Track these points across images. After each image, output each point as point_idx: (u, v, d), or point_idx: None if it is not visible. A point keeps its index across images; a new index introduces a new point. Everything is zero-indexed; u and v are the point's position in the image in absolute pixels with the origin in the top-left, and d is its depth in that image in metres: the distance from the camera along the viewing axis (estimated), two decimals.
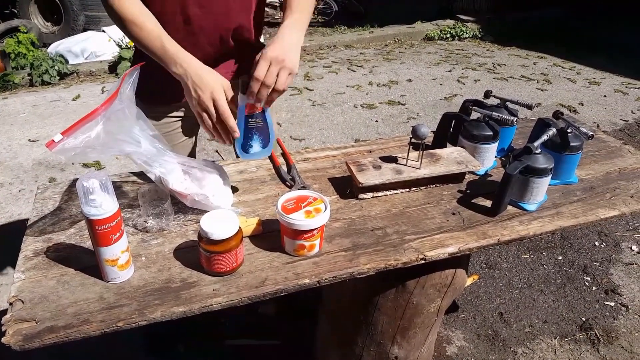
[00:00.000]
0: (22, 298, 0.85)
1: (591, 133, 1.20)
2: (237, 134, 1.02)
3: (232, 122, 1.02)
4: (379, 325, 1.26)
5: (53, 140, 0.84)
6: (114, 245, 0.86)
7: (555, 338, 1.89)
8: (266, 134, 1.08)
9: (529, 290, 2.13)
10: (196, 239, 0.93)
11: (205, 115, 1.02)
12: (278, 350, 1.75)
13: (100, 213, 0.83)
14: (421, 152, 1.20)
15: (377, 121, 3.81)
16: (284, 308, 1.85)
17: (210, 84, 1.01)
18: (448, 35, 6.27)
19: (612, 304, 2.05)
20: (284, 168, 1.25)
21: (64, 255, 0.96)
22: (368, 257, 0.99)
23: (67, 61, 4.69)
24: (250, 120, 1.04)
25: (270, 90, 1.01)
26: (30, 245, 0.99)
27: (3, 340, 0.77)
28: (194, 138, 1.48)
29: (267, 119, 1.07)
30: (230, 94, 1.04)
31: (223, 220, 0.90)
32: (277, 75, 1.00)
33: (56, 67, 4.48)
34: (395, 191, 1.21)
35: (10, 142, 3.33)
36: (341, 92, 4.36)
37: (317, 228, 0.94)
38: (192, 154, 1.48)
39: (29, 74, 4.43)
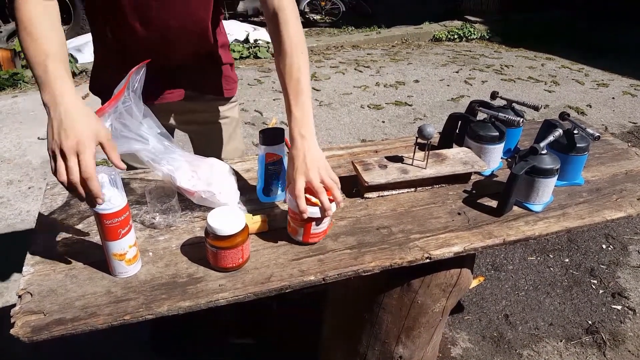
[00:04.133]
0: (31, 291, 0.86)
1: (597, 134, 1.19)
2: (101, 200, 0.80)
3: (95, 186, 0.78)
4: (384, 324, 1.27)
5: None
6: (121, 240, 0.87)
7: (561, 341, 1.88)
8: (284, 178, 1.13)
9: (535, 293, 2.12)
10: (203, 235, 0.94)
11: (60, 165, 0.78)
12: (282, 349, 1.76)
13: (109, 207, 0.84)
14: (427, 152, 1.20)
15: (383, 122, 3.81)
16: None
17: (82, 132, 0.79)
18: (455, 36, 6.26)
19: (619, 307, 2.04)
20: None
21: (72, 249, 0.97)
22: (373, 255, 0.99)
23: (76, 60, 4.73)
24: (270, 167, 1.10)
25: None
26: (40, 239, 1.00)
27: (12, 331, 0.78)
28: None
29: (284, 165, 1.12)
30: (110, 146, 0.84)
31: (229, 216, 0.91)
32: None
33: None
34: (401, 191, 1.21)
35: (20, 140, 3.37)
36: (348, 93, 4.36)
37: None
38: None
39: None
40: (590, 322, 1.97)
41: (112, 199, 0.84)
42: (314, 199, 0.97)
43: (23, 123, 3.61)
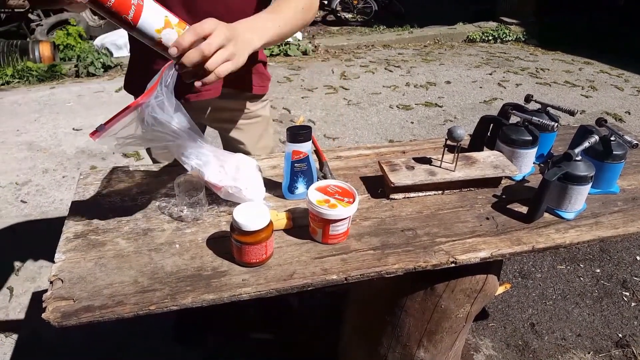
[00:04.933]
0: (62, 277, 0.89)
1: (635, 142, 1.15)
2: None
3: None
4: (405, 327, 1.25)
5: (96, 130, 0.87)
6: (144, 20, 0.71)
7: (588, 353, 1.83)
8: (310, 176, 1.14)
9: (563, 302, 2.06)
10: (228, 230, 0.95)
11: None
12: (302, 346, 1.76)
13: None
14: (456, 154, 1.18)
15: (412, 122, 3.77)
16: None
17: None
18: (490, 38, 6.14)
19: None
20: (317, 165, 1.26)
21: (102, 239, 1.00)
22: (397, 257, 0.98)
23: (111, 54, 4.86)
24: (296, 164, 1.11)
25: (200, 62, 0.82)
26: (71, 228, 1.03)
27: (43, 316, 0.81)
28: None
29: (310, 163, 1.13)
30: None
31: (255, 212, 0.92)
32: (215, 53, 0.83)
33: (101, 60, 4.64)
34: (428, 193, 1.20)
35: (56, 130, 3.48)
36: (377, 92, 4.34)
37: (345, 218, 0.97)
38: None
39: (75, 65, 4.62)
40: (620, 335, 1.91)
41: None
42: (332, 201, 0.98)
43: (59, 114, 3.73)
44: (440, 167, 1.20)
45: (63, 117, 3.67)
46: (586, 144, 1.13)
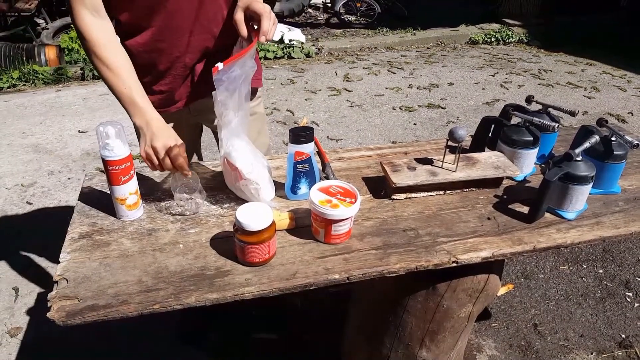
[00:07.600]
0: (67, 277, 0.90)
1: (636, 142, 1.15)
2: (189, 174, 1.06)
3: (184, 164, 1.05)
4: (408, 327, 1.26)
5: (217, 67, 0.98)
6: (122, 186, 1.02)
7: (591, 353, 1.82)
8: (312, 177, 1.16)
9: (566, 303, 2.06)
10: (231, 230, 0.96)
11: (151, 162, 1.08)
12: (305, 346, 1.77)
13: (113, 155, 0.98)
14: (457, 154, 1.19)
15: (415, 124, 3.78)
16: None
17: (167, 137, 1.09)
18: (493, 39, 6.14)
19: None
20: (319, 166, 1.27)
21: (106, 239, 1.01)
22: (399, 256, 0.99)
23: None
24: (298, 165, 1.12)
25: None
26: (77, 228, 1.04)
27: (48, 315, 0.82)
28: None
29: (313, 164, 1.14)
30: (183, 149, 1.10)
31: (258, 212, 0.93)
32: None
33: None
34: (430, 193, 1.21)
35: (62, 132, 3.50)
36: (380, 94, 4.34)
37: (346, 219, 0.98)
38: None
39: (81, 69, 4.64)
40: (623, 335, 1.90)
41: (116, 149, 0.98)
42: (334, 201, 0.99)
43: (65, 116, 3.75)
44: (441, 167, 1.21)
45: (69, 120, 3.69)
46: (587, 144, 1.14)
